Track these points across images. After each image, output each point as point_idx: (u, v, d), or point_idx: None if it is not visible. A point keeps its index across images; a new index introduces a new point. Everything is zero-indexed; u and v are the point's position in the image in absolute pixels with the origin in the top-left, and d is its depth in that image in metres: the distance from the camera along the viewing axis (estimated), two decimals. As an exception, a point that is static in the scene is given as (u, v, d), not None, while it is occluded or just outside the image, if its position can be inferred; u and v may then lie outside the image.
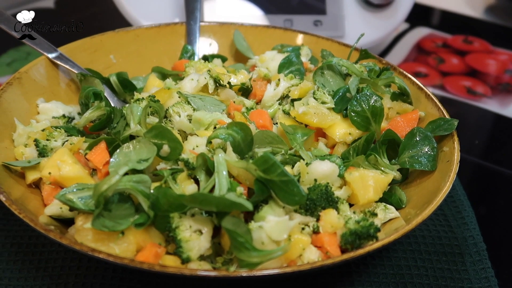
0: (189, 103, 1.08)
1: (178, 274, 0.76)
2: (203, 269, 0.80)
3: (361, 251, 0.82)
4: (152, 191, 0.90)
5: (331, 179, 0.97)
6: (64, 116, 1.16)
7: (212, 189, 0.90)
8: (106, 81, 1.28)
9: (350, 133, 1.11)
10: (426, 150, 1.06)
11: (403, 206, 1.01)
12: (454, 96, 1.78)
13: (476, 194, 1.32)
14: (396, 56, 2.00)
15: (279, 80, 1.20)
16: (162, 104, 1.04)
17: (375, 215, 0.94)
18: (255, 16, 1.71)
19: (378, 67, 1.23)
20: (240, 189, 0.88)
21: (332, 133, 1.11)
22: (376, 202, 1.00)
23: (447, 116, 1.14)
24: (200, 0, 1.51)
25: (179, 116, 1.07)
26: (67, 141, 1.04)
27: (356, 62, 1.31)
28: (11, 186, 0.95)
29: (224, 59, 1.41)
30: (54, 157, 0.97)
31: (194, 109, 1.08)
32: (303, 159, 1.01)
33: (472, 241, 1.12)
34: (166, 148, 0.96)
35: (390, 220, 0.99)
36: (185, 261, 0.84)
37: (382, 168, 1.04)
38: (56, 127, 1.06)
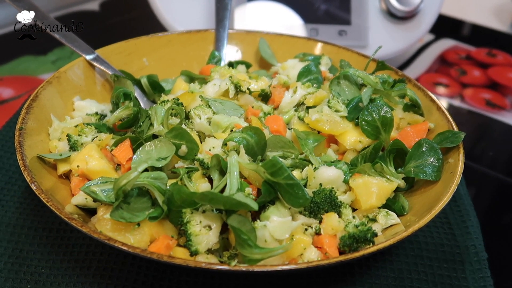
0: (209, 106, 1.12)
1: (184, 265, 0.80)
2: (206, 261, 0.84)
3: (356, 254, 0.84)
4: (168, 187, 0.94)
5: (336, 184, 0.99)
6: (96, 113, 1.22)
7: (224, 188, 0.94)
8: (137, 83, 1.34)
9: (360, 141, 1.13)
10: (432, 160, 1.06)
11: (405, 213, 1.03)
12: (473, 107, 1.77)
13: (484, 205, 1.31)
14: (418, 67, 1.99)
15: (296, 87, 1.23)
16: (182, 107, 1.08)
17: (373, 220, 0.95)
18: (287, 26, 1.73)
19: (391, 79, 1.24)
20: (248, 190, 0.92)
21: (343, 140, 1.13)
22: (379, 208, 1.02)
23: (455, 129, 1.15)
24: (229, 9, 1.54)
25: (200, 118, 1.10)
26: (96, 137, 1.09)
27: (372, 73, 1.32)
28: (43, 176, 1.01)
29: (248, 66, 1.44)
30: (83, 151, 1.02)
31: (214, 113, 1.12)
32: (312, 164, 1.03)
33: (473, 250, 1.12)
34: (184, 148, 1.00)
35: (391, 226, 1.01)
36: (193, 253, 0.88)
37: (388, 176, 1.06)
38: (88, 124, 1.11)
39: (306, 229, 0.95)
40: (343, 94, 1.23)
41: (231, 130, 1.08)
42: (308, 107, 1.19)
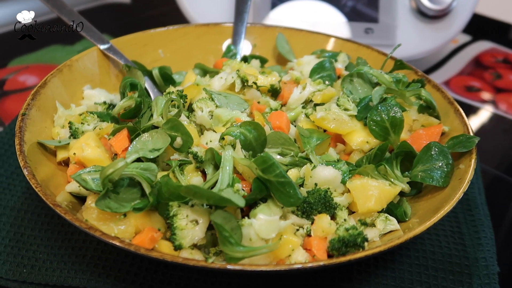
0: (212, 99, 1.09)
1: (160, 259, 0.77)
2: (183, 257, 0.81)
3: (342, 259, 0.79)
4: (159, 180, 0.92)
5: (333, 184, 0.94)
6: (104, 103, 1.21)
7: (215, 183, 0.91)
8: (149, 74, 1.32)
9: (367, 142, 1.07)
10: (440, 165, 1.00)
11: (407, 219, 0.97)
12: (505, 113, 1.67)
13: (504, 215, 1.23)
14: (450, 68, 1.90)
15: (306, 84, 1.18)
16: (180, 100, 1.06)
17: (366, 224, 0.90)
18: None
19: (406, 79, 1.18)
20: (238, 186, 0.88)
21: (350, 140, 1.08)
22: (379, 212, 0.96)
23: (471, 133, 1.07)
24: (249, 3, 1.51)
25: (202, 111, 1.08)
26: (97, 126, 1.08)
27: (390, 72, 1.26)
28: (41, 162, 1.01)
29: (263, 61, 1.41)
30: (81, 139, 1.02)
31: (216, 106, 1.09)
32: (311, 163, 0.99)
33: (483, 263, 1.04)
34: (179, 140, 0.97)
35: (390, 231, 0.95)
36: (177, 248, 0.85)
37: (392, 180, 1.00)
38: (91, 113, 1.11)
39: (297, 230, 0.90)
40: (355, 93, 1.18)
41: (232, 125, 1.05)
42: (316, 105, 1.15)
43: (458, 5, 1.72)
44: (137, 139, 0.99)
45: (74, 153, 1.00)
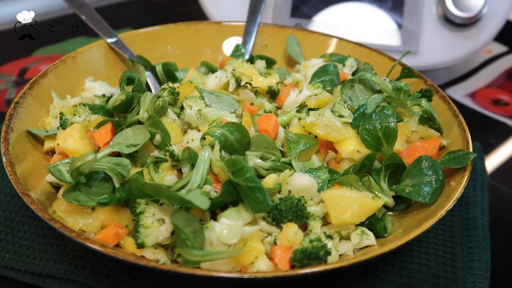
0: (203, 98, 1.08)
1: (112, 256, 0.76)
2: (135, 256, 0.79)
3: (298, 271, 0.75)
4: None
5: (309, 193, 0.90)
6: (104, 95, 1.21)
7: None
8: (154, 69, 1.32)
9: (358, 151, 1.03)
10: (429, 180, 0.94)
11: (386, 235, 0.92)
12: (532, 131, 1.57)
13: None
14: (480, 80, 1.80)
15: (303, 87, 1.14)
16: (166, 97, 1.05)
17: (330, 237, 0.85)
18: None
19: (408, 87, 1.12)
20: (207, 187, 0.86)
21: (340, 148, 1.04)
22: (358, 225, 0.92)
23: (470, 149, 1.01)
24: (263, 4, 1.48)
25: (191, 109, 1.06)
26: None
27: (397, 80, 1.21)
28: (27, 151, 1.02)
29: (271, 62, 1.38)
30: (67, 130, 1.02)
31: (206, 105, 1.07)
32: (290, 169, 0.95)
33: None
34: (158, 138, 0.96)
35: (366, 246, 0.90)
36: (139, 246, 0.84)
37: (376, 192, 0.95)
38: (84, 105, 1.11)
39: (266, 237, 0.87)
40: (355, 99, 1.13)
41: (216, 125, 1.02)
42: (310, 109, 1.11)
43: (489, 12, 1.62)
44: (119, 133, 0.98)
45: (58, 144, 1.00)
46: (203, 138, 0.98)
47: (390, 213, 0.99)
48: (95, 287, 0.99)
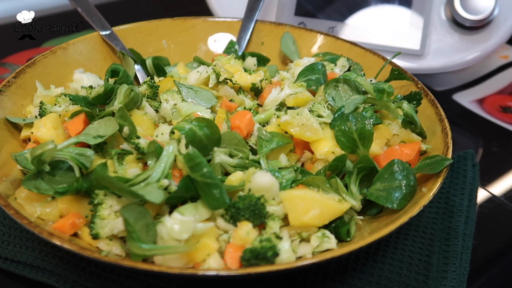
0: (180, 92, 1.07)
1: (58, 245, 0.76)
2: (80, 246, 0.78)
3: (241, 271, 0.74)
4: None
5: (270, 192, 0.88)
6: (91, 87, 1.22)
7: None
8: (145, 63, 1.32)
9: (333, 152, 1.00)
10: (399, 185, 0.90)
11: (348, 239, 0.88)
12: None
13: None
14: (491, 85, 1.73)
15: (285, 85, 1.12)
16: (138, 91, 1.05)
17: (280, 238, 0.82)
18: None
19: (392, 89, 1.08)
20: (164, 182, 0.85)
21: (315, 149, 1.01)
22: (320, 228, 0.89)
23: (449, 156, 0.96)
24: (262, 1, 1.46)
25: (167, 103, 1.06)
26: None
27: (387, 81, 1.17)
28: (5, 138, 1.03)
29: (264, 59, 1.36)
30: (42, 119, 1.03)
31: (183, 99, 1.06)
32: (257, 167, 0.93)
33: (441, 299, 0.93)
34: (126, 130, 0.96)
35: (327, 250, 0.87)
36: (94, 237, 0.84)
37: (344, 195, 0.92)
38: (65, 95, 1.12)
39: (222, 235, 0.86)
40: (339, 99, 1.10)
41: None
42: (288, 108, 1.09)
43: (500, 15, 1.56)
44: (91, 124, 0.98)
45: (32, 132, 1.01)
46: (172, 132, 0.97)
47: (361, 217, 0.96)
48: (63, 276, 1.00)
